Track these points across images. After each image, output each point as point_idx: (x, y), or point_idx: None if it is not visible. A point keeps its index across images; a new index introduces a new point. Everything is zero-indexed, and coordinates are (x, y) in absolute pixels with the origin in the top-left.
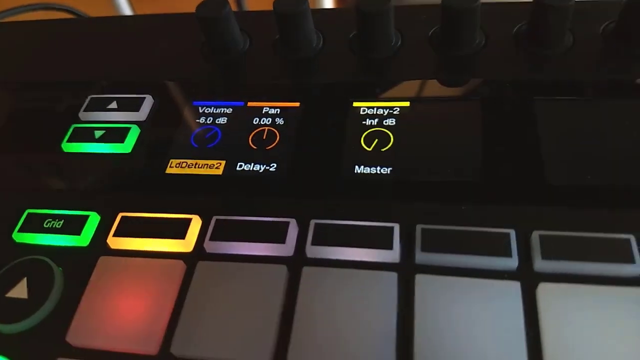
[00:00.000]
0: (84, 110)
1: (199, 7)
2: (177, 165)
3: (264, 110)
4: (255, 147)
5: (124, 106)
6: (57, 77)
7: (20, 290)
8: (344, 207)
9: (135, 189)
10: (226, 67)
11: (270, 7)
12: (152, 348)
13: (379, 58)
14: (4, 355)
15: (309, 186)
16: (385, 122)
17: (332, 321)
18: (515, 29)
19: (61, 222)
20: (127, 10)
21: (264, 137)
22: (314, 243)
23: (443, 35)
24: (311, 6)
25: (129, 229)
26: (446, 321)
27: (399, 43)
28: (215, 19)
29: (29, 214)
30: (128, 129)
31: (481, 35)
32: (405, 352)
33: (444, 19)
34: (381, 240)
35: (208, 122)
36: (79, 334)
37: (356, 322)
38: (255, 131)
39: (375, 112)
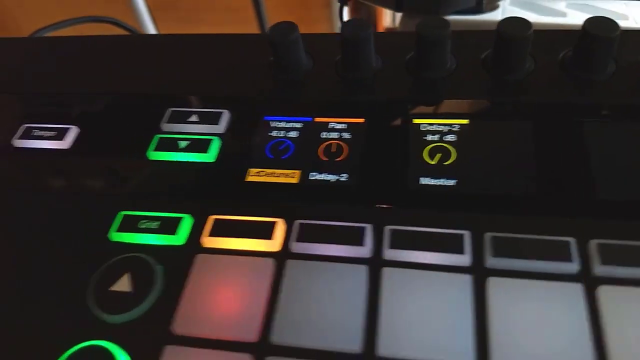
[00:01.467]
0: (167, 122)
1: (271, 29)
2: (256, 174)
3: (330, 125)
4: (326, 159)
5: (204, 119)
6: (131, 90)
7: (123, 284)
8: (413, 215)
9: (220, 194)
10: (292, 85)
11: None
12: (253, 336)
13: (434, 78)
14: (114, 342)
15: (378, 195)
16: (446, 138)
17: (412, 315)
18: (561, 55)
19: (157, 223)
20: (147, 18)
21: (333, 150)
22: (391, 246)
23: (495, 60)
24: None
25: (222, 230)
26: (518, 318)
27: (454, 65)
28: (285, 43)
29: (124, 215)
30: (210, 140)
31: (530, 60)
32: (482, 346)
33: (497, 46)
34: (453, 246)
35: (280, 135)
36: (184, 323)
37: (434, 316)
38: (325, 144)
39: (435, 129)
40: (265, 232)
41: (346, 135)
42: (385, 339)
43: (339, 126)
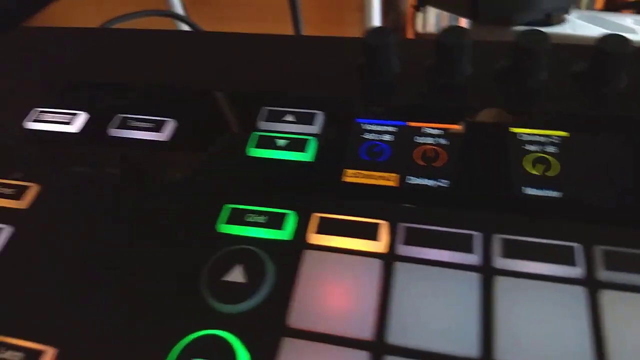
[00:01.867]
0: (263, 121)
1: (368, 33)
2: (353, 175)
3: (423, 130)
4: (423, 164)
5: (300, 119)
6: (223, 86)
7: (236, 275)
8: (521, 225)
9: (319, 193)
10: (382, 88)
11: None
12: (368, 334)
13: (529, 89)
14: (228, 331)
15: (481, 203)
16: (547, 149)
17: (528, 324)
18: None
19: (264, 218)
20: (181, 14)
21: (430, 155)
22: (503, 255)
23: (592, 74)
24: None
25: (327, 228)
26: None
27: (547, 77)
28: (381, 46)
29: (231, 208)
30: (307, 140)
31: (623, 75)
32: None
33: (595, 60)
34: (564, 257)
35: (374, 138)
36: (299, 317)
37: (550, 327)
38: (421, 149)
39: (535, 139)
40: (370, 233)
41: (442, 141)
42: (503, 347)
43: (434, 131)
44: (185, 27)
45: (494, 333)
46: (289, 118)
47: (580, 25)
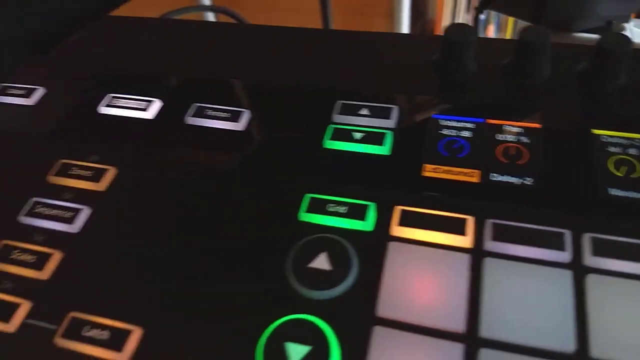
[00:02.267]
0: (338, 114)
1: (449, 29)
2: (433, 170)
3: (504, 128)
4: (505, 161)
5: (375, 113)
6: (296, 79)
7: (322, 262)
8: (608, 225)
9: (399, 186)
10: (458, 86)
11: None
12: (461, 327)
13: (607, 92)
14: (320, 318)
15: (567, 202)
16: (629, 151)
17: (622, 322)
18: None
19: (345, 208)
20: (211, 16)
21: (513, 153)
22: (594, 254)
23: None
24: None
25: (410, 221)
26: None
27: (626, 81)
28: (462, 43)
29: (311, 198)
30: (384, 134)
31: None
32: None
33: None
34: None
35: (452, 134)
36: (387, 307)
37: None
38: (502, 146)
39: (617, 141)
40: (456, 227)
41: (524, 139)
42: (598, 342)
43: (515, 129)
44: None
45: (588, 329)
46: (365, 112)
47: (638, 33)
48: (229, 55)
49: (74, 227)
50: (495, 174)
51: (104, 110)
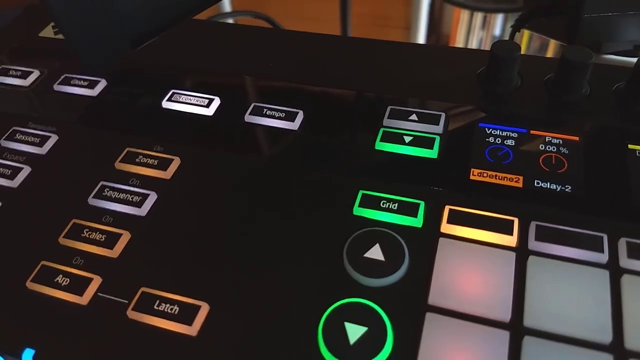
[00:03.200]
0: (388, 118)
1: (495, 45)
2: (479, 175)
3: (547, 139)
4: (547, 169)
5: (423, 119)
6: (347, 85)
7: (376, 253)
8: None
9: (446, 187)
10: (502, 98)
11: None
12: (507, 317)
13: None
14: (375, 303)
15: (606, 209)
16: None
17: None
18: None
19: (396, 205)
20: (231, 22)
21: (553, 162)
22: (629, 256)
23: None
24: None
25: (459, 219)
26: None
27: None
28: (508, 58)
29: (365, 194)
30: (433, 138)
31: None
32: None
33: None
34: None
35: (497, 142)
36: (438, 296)
37: None
38: (544, 156)
39: None
40: (504, 227)
41: (564, 150)
42: (633, 335)
43: (556, 141)
44: None
45: (623, 323)
46: (414, 117)
47: None
48: (281, 59)
49: (142, 211)
50: (539, 181)
51: (166, 104)
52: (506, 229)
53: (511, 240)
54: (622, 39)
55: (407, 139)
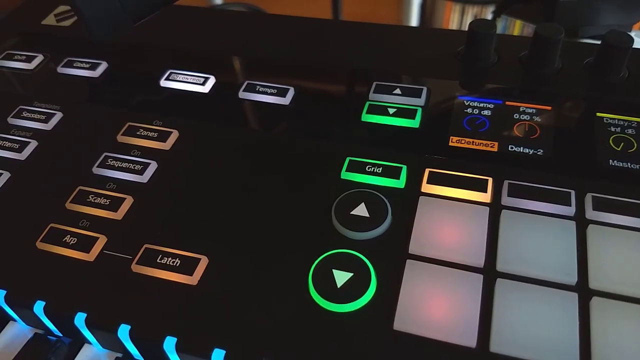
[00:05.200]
0: (374, 92)
1: (473, 23)
2: (457, 141)
3: (521, 109)
4: (521, 135)
5: (407, 93)
6: (335, 63)
7: (362, 210)
8: (608, 187)
9: (428, 153)
10: (481, 73)
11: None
12: (481, 262)
13: (611, 82)
14: (361, 253)
15: (574, 169)
16: (627, 131)
17: (617, 260)
18: None
19: (381, 169)
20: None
21: (527, 129)
22: (595, 209)
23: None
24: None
25: (438, 180)
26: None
27: (627, 74)
28: (485, 34)
29: (352, 160)
30: (415, 110)
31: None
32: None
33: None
34: None
35: (475, 112)
36: (418, 246)
37: (634, 262)
38: (518, 124)
39: (617, 123)
40: (478, 186)
41: (537, 119)
42: (596, 276)
43: (529, 110)
44: None
45: (589, 264)
46: (398, 91)
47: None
48: (273, 41)
49: (144, 178)
50: (512, 145)
51: (164, 83)
52: (481, 187)
53: (485, 196)
54: (599, 23)
55: (391, 110)
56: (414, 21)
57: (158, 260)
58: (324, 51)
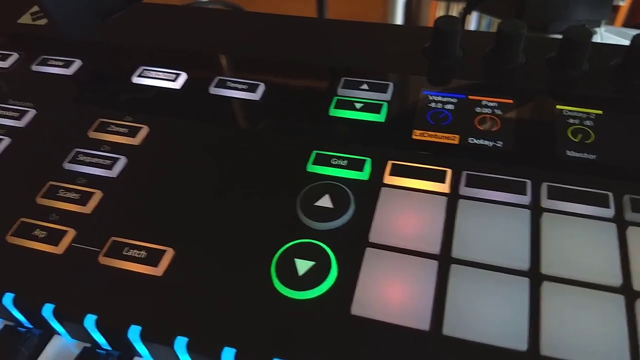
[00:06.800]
0: (342, 88)
1: (438, 20)
2: (420, 135)
3: (482, 103)
4: (481, 128)
5: (374, 88)
6: (306, 59)
7: (326, 202)
8: (564, 177)
9: (391, 147)
10: (446, 69)
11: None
12: (437, 249)
13: (572, 76)
14: (323, 242)
15: (532, 160)
16: (585, 123)
17: (570, 246)
18: None
19: (346, 162)
20: None
21: (487, 122)
22: (549, 197)
23: (624, 67)
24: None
25: (400, 171)
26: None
27: (588, 68)
28: (450, 31)
29: (318, 153)
30: (381, 104)
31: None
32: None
33: (629, 56)
34: (600, 202)
35: (438, 107)
36: (378, 235)
37: (586, 249)
38: (479, 117)
39: (575, 115)
40: (438, 176)
41: (498, 112)
42: (547, 261)
43: (491, 104)
44: None
45: (541, 251)
46: (365, 87)
47: (608, 37)
48: (245, 38)
49: (113, 173)
50: (473, 138)
51: (136, 80)
52: (440, 178)
53: (444, 187)
54: (568, 19)
55: (358, 105)
56: (399, 19)
57: (124, 253)
58: (295, 47)
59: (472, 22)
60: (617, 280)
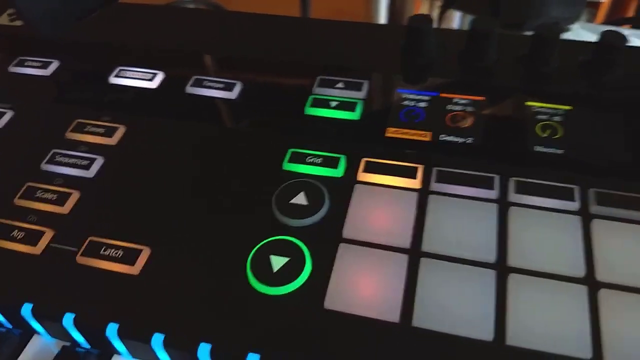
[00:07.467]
0: (318, 86)
1: (411, 19)
2: (394, 132)
3: (454, 100)
4: (453, 125)
5: (349, 86)
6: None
7: (300, 199)
8: (532, 172)
9: (365, 143)
10: (420, 67)
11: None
12: (407, 244)
13: (543, 72)
14: (298, 239)
15: (501, 156)
16: (554, 119)
17: (537, 239)
18: None
19: (321, 159)
20: None
21: (459, 119)
22: (517, 192)
23: (593, 64)
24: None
25: (373, 168)
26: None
27: (557, 64)
28: (422, 30)
29: (293, 151)
30: (355, 103)
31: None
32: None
33: (598, 53)
34: (566, 195)
35: (412, 104)
36: (352, 230)
37: (551, 243)
38: (451, 114)
39: (545, 111)
40: (409, 172)
41: (470, 109)
42: (514, 253)
43: (463, 101)
44: None
45: (508, 244)
46: (340, 85)
47: (583, 35)
48: (223, 37)
49: (90, 173)
50: (444, 135)
51: (113, 80)
52: (411, 174)
53: (415, 183)
54: (544, 16)
55: (333, 103)
56: (382, 16)
57: (102, 252)
58: (272, 46)
59: (456, 20)
60: (580, 271)
